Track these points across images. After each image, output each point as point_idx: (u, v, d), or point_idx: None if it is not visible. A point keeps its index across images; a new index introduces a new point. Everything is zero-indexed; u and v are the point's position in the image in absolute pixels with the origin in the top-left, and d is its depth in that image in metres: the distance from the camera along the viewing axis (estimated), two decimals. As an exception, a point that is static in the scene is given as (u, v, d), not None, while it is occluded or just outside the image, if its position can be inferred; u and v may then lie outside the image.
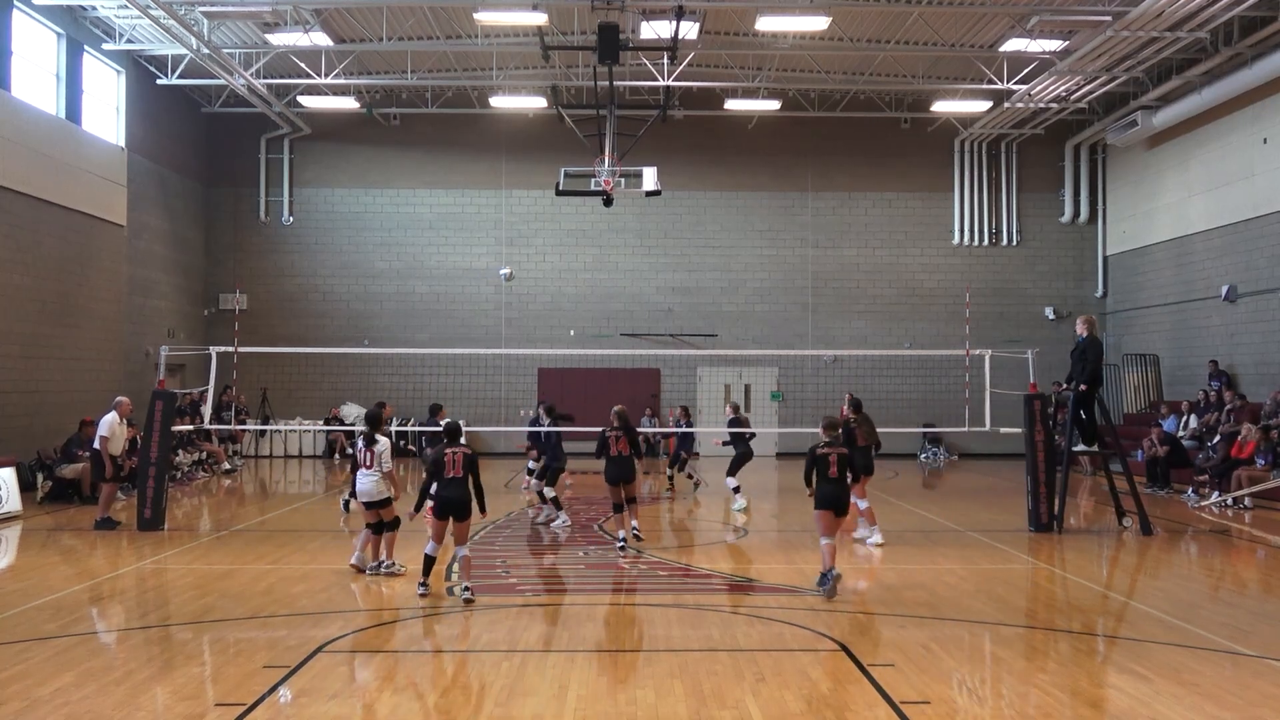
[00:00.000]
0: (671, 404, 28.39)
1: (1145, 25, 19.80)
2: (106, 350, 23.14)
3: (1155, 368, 26.52)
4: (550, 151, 26.58)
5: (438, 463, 10.30)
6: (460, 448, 10.36)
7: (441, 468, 10.24)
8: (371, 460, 11.29)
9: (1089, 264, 29.54)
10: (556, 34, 22.82)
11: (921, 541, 14.19)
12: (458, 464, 10.24)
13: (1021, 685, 7.59)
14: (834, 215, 29.42)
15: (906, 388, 27.91)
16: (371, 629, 9.26)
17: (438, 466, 10.28)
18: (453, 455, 10.26)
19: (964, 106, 26.81)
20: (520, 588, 11.15)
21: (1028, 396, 15.52)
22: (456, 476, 10.19)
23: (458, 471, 10.21)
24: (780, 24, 21.20)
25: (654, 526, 15.97)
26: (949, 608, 9.98)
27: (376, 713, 6.84)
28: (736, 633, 9.09)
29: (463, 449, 10.35)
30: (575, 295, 29.05)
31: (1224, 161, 23.41)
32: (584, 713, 6.88)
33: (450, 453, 10.28)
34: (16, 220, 19.72)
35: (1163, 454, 20.40)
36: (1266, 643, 8.67)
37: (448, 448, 10.35)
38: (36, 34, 20.98)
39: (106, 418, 15.25)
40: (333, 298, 29.01)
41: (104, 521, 14.88)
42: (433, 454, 10.49)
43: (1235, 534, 15.34)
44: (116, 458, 15.35)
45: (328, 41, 22.44)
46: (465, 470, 10.25)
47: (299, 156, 29.18)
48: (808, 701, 7.06)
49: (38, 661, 8.03)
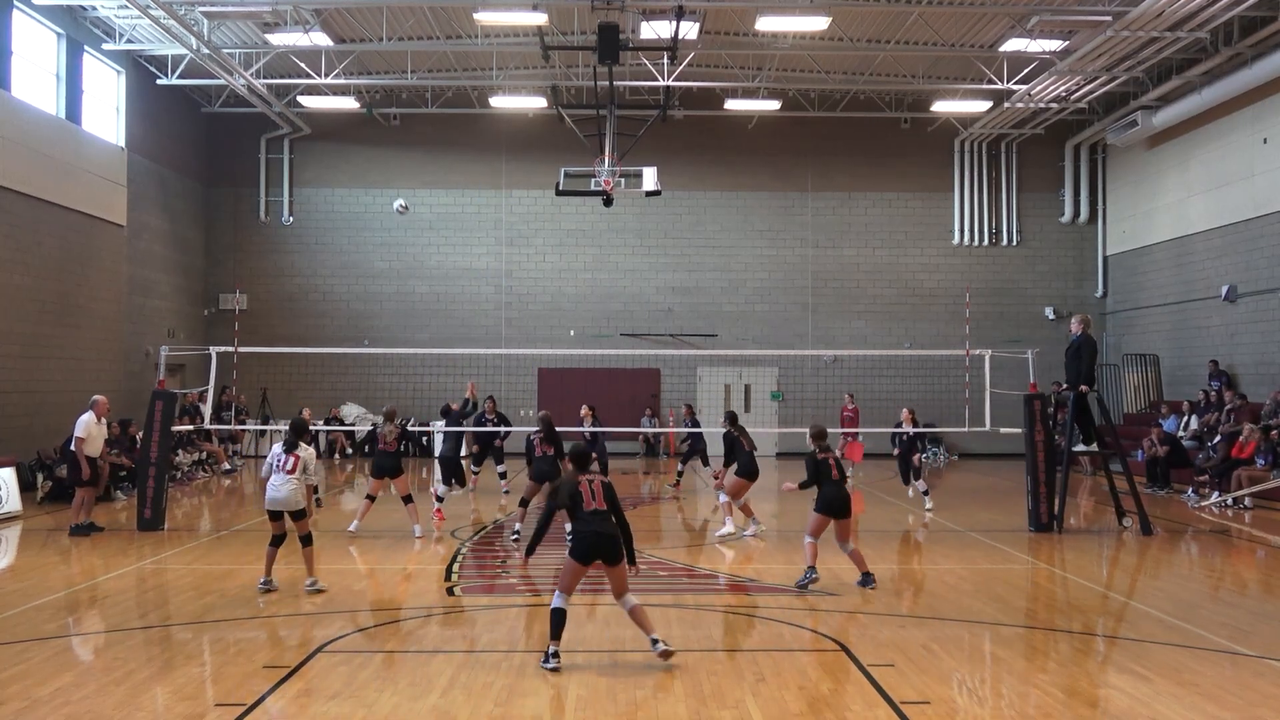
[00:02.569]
0: (672, 404, 28.47)
1: (1145, 25, 19.80)
2: (106, 350, 23.14)
3: (1155, 368, 26.52)
4: (550, 151, 26.59)
5: (574, 495, 8.40)
6: (595, 474, 8.64)
7: (579, 500, 8.36)
8: (295, 466, 10.42)
9: (1089, 264, 29.54)
10: (556, 34, 22.82)
11: (921, 541, 14.18)
12: (597, 494, 8.38)
13: (1021, 685, 7.59)
14: (834, 215, 29.43)
15: (906, 388, 27.89)
16: (371, 629, 9.26)
17: (575, 499, 8.39)
18: (589, 483, 8.41)
19: (964, 106, 26.81)
20: (520, 588, 11.16)
21: (1028, 396, 15.52)
22: (599, 509, 8.34)
23: (600, 503, 8.36)
24: (780, 24, 21.20)
25: (654, 526, 15.98)
26: (949, 608, 9.98)
27: (376, 713, 6.84)
28: (736, 633, 9.09)
29: (599, 475, 8.63)
30: (575, 295, 29.06)
31: (1224, 161, 23.41)
32: (584, 713, 6.88)
33: (585, 480, 8.45)
34: (16, 220, 19.72)
35: (1163, 454, 20.40)
36: (1266, 643, 8.67)
37: (580, 474, 8.56)
38: (36, 34, 20.98)
39: (83, 418, 14.51)
40: (333, 298, 29.02)
41: (79, 527, 14.24)
42: (563, 485, 8.65)
43: (1235, 534, 15.34)
44: (95, 460, 14.63)
45: (328, 41, 22.44)
46: (607, 501, 8.46)
47: (299, 156, 29.19)
48: (808, 701, 7.06)
49: (38, 661, 8.03)
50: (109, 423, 15.77)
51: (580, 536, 8.21)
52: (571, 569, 8.21)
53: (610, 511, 8.34)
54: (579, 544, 8.20)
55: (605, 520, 8.30)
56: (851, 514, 10.81)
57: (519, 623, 9.39)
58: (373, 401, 27.80)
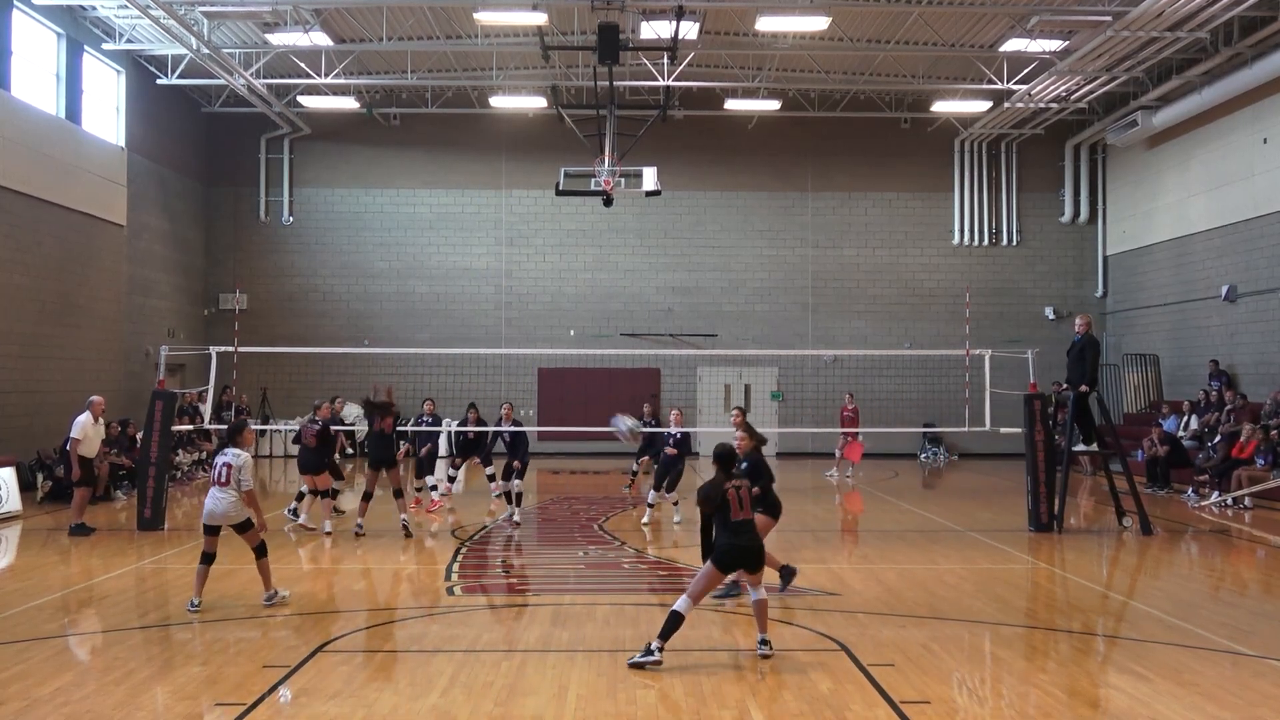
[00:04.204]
0: (672, 404, 28.44)
1: (1145, 25, 19.80)
2: (106, 350, 23.14)
3: (1155, 368, 26.51)
4: (550, 151, 26.58)
5: (722, 502, 8.10)
6: (742, 480, 8.36)
7: (727, 507, 8.10)
8: (228, 476, 9.56)
9: (1089, 264, 29.54)
10: (556, 34, 22.81)
11: (921, 541, 14.18)
12: (745, 503, 8.18)
13: (1021, 685, 7.59)
14: (834, 215, 29.42)
15: (906, 388, 27.90)
16: (371, 629, 9.26)
17: (723, 506, 8.10)
18: (736, 491, 8.16)
19: (964, 106, 26.81)
20: (520, 588, 11.16)
21: (1028, 396, 15.52)
22: (747, 519, 8.17)
23: (747, 512, 8.18)
24: (780, 24, 21.19)
25: (654, 526, 15.96)
26: (949, 608, 9.98)
27: (376, 713, 6.84)
28: (736, 633, 9.09)
29: (745, 482, 8.36)
30: (575, 295, 29.06)
31: (1224, 161, 23.41)
32: (584, 713, 6.88)
33: (733, 488, 8.17)
34: (16, 220, 19.72)
35: (1163, 454, 20.40)
36: (1266, 643, 8.67)
37: (728, 481, 8.22)
38: (36, 34, 20.98)
39: (79, 419, 14.41)
40: (333, 298, 29.01)
41: (78, 528, 14.17)
42: (708, 489, 8.20)
43: (1235, 534, 15.35)
44: (90, 460, 14.61)
45: (328, 41, 22.44)
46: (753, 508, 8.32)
47: (299, 156, 29.18)
48: (808, 701, 7.06)
49: (38, 661, 8.03)
50: (108, 423, 15.73)
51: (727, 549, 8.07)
52: (711, 577, 8.18)
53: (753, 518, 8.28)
54: (725, 556, 8.09)
55: (753, 531, 8.22)
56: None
57: (519, 622, 9.39)
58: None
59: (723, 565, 8.10)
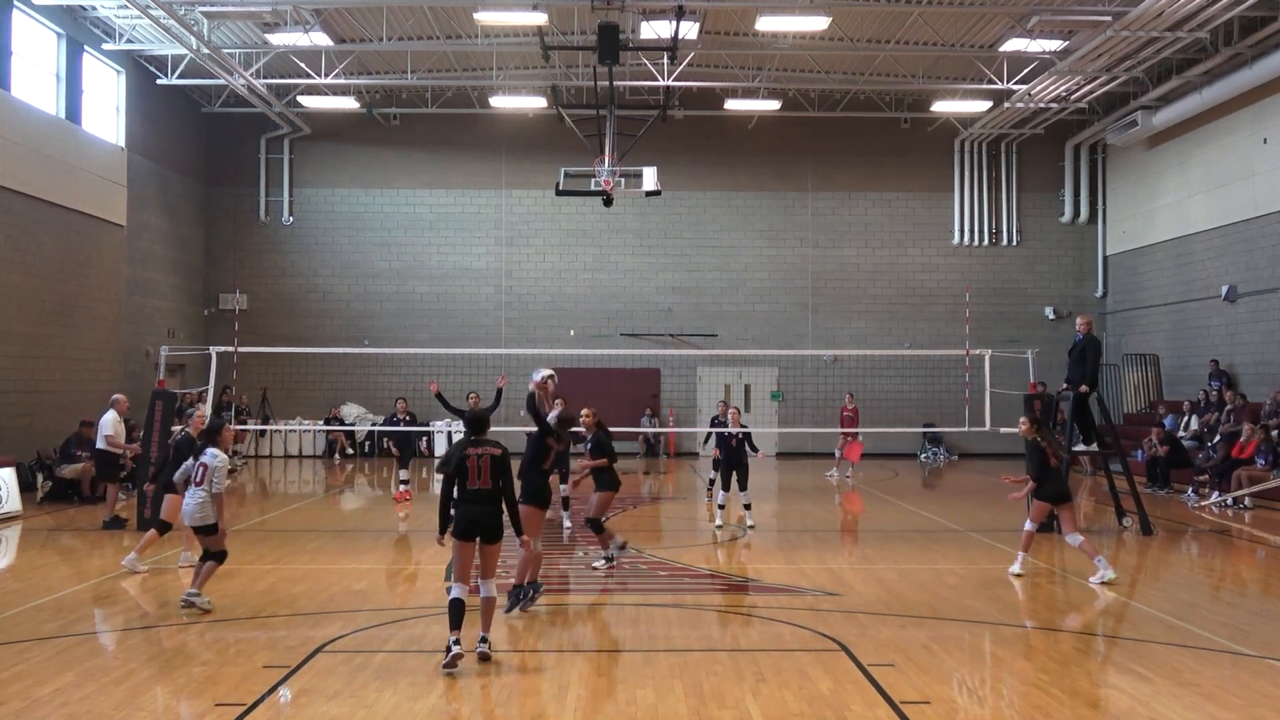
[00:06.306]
0: (672, 404, 28.49)
1: (1145, 25, 19.80)
2: (106, 350, 23.14)
3: (1155, 368, 26.52)
4: (550, 151, 26.60)
5: (459, 466, 7.93)
6: (488, 447, 8.03)
7: (465, 474, 7.92)
8: (203, 476, 9.58)
9: (1089, 264, 29.54)
10: (556, 34, 22.82)
11: (922, 541, 14.18)
12: (484, 471, 7.91)
13: (1021, 685, 7.59)
14: (834, 215, 29.43)
15: (906, 388, 27.92)
16: (371, 629, 9.25)
17: (459, 471, 7.93)
18: (478, 460, 7.93)
19: (964, 106, 26.81)
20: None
21: (1028, 396, 15.53)
22: (484, 488, 7.92)
23: (484, 481, 7.92)
24: (780, 24, 21.20)
25: (654, 526, 15.97)
26: (949, 608, 9.98)
27: (376, 713, 6.84)
28: (736, 633, 9.09)
29: (490, 449, 8.02)
30: (575, 295, 29.06)
31: (1224, 161, 23.41)
32: (584, 713, 6.88)
33: (474, 454, 7.95)
34: (16, 220, 19.72)
35: (1163, 454, 20.40)
36: (1266, 643, 8.67)
37: (471, 446, 8.03)
38: (36, 34, 20.99)
39: (108, 416, 15.25)
40: (333, 298, 29.02)
41: (113, 521, 14.95)
42: (452, 452, 8.21)
43: (1235, 534, 15.34)
44: (117, 456, 15.43)
45: (328, 41, 22.44)
46: (494, 478, 7.96)
47: (299, 156, 29.19)
48: (808, 701, 7.05)
49: (38, 661, 8.02)
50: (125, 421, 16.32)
51: (457, 516, 7.92)
52: (458, 552, 7.92)
53: (496, 488, 7.96)
54: (456, 523, 7.91)
55: (488, 500, 7.94)
56: None
57: (519, 622, 9.39)
58: (373, 402, 27.82)
59: (460, 534, 7.88)
